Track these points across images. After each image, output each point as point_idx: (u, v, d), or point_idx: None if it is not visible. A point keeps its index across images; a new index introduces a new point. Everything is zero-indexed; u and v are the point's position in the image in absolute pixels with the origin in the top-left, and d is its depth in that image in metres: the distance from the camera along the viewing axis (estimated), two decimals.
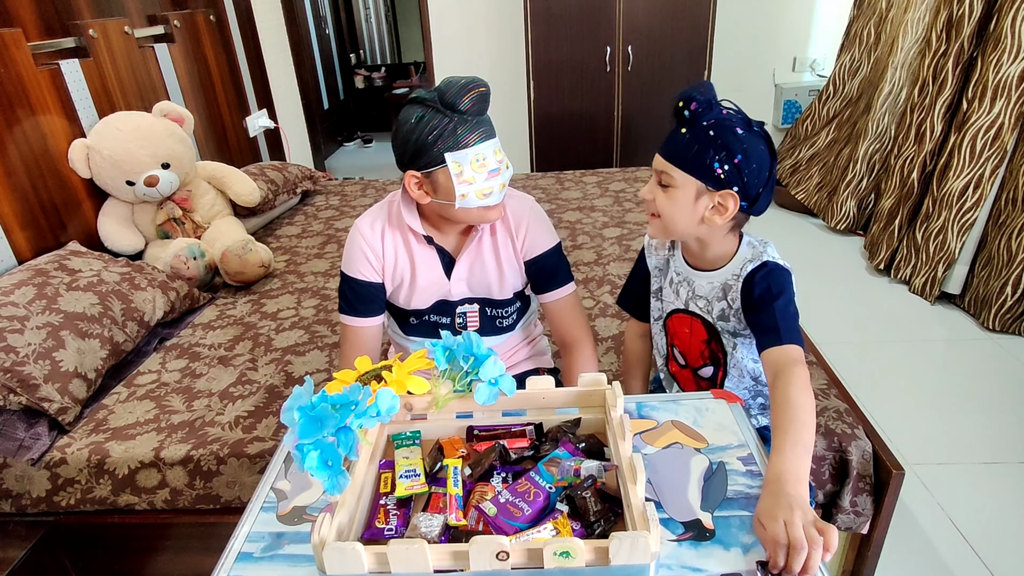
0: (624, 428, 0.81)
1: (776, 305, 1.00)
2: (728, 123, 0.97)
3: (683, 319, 1.17)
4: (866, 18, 3.41)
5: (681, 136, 0.99)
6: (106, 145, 1.97)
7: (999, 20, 2.47)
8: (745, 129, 0.97)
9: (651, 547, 0.66)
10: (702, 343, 1.16)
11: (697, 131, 0.97)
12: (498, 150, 1.11)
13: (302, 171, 2.90)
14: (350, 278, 1.23)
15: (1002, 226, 2.50)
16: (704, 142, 0.97)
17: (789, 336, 0.98)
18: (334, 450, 0.71)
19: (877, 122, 3.20)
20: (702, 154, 0.97)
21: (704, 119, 0.97)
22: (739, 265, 1.07)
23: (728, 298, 1.08)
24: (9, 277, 1.61)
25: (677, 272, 1.16)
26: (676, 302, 1.17)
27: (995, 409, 2.10)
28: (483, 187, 1.09)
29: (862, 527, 1.33)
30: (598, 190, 2.85)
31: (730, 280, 1.07)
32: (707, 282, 1.11)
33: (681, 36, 3.39)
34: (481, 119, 1.08)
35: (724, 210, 1.00)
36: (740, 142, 0.96)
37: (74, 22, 2.07)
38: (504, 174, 1.12)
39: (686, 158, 0.98)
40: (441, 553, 0.68)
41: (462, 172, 1.07)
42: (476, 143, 1.07)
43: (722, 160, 0.96)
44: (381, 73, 6.46)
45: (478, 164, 1.07)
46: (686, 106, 0.97)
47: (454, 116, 1.06)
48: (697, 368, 1.19)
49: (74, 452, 1.39)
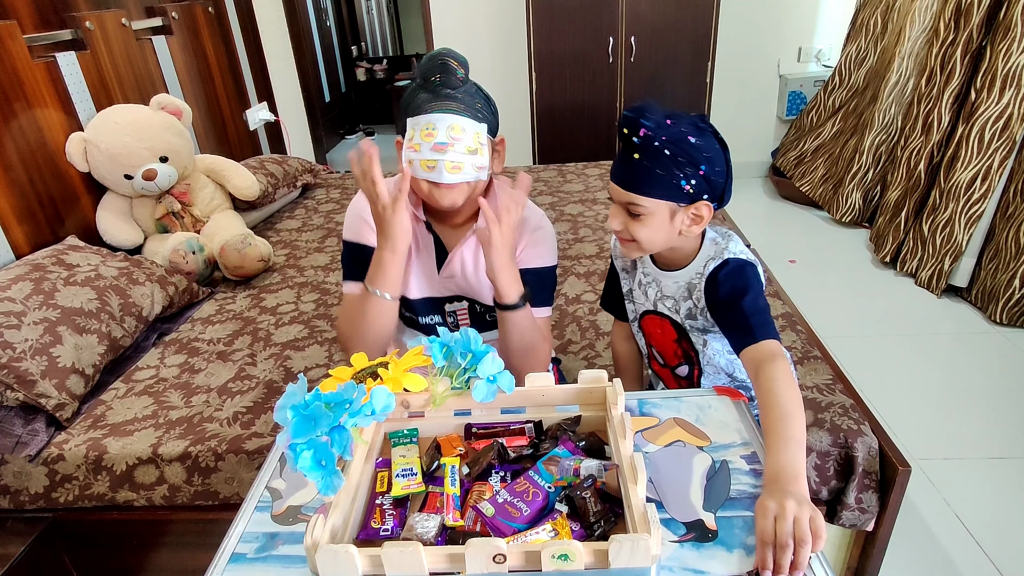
0: (625, 426, 0.79)
1: (744, 303, 0.97)
2: (680, 135, 0.93)
3: (654, 320, 1.16)
4: (872, 7, 3.36)
5: (637, 163, 0.94)
6: (103, 139, 1.96)
7: (1008, 8, 2.43)
8: (696, 134, 0.94)
9: (652, 550, 0.64)
10: (673, 342, 1.15)
11: (653, 154, 0.93)
12: (457, 127, 1.04)
13: (302, 164, 2.89)
14: (354, 244, 1.20)
15: (1010, 218, 2.46)
16: (665, 164, 0.93)
17: (762, 332, 0.95)
18: (328, 450, 0.70)
19: (883, 113, 3.16)
20: (667, 176, 0.93)
21: (655, 140, 0.92)
22: (702, 263, 1.05)
23: (693, 297, 1.07)
24: (6, 272, 1.59)
25: (645, 273, 1.15)
26: (646, 303, 1.16)
27: (1002, 404, 2.07)
28: (427, 158, 1.04)
29: (867, 524, 1.31)
30: (600, 182, 2.83)
31: (694, 279, 1.06)
32: (673, 282, 1.09)
33: (685, 26, 3.35)
34: (449, 92, 1.05)
35: (700, 219, 0.99)
36: (698, 151, 0.93)
37: (70, 14, 2.05)
38: (458, 156, 1.04)
39: (651, 185, 0.95)
40: (437, 556, 0.66)
41: (412, 137, 1.06)
42: (429, 113, 1.04)
43: (688, 175, 0.94)
44: (383, 65, 6.43)
45: (425, 132, 1.04)
46: (633, 132, 0.93)
47: (420, 85, 1.07)
48: (674, 367, 1.19)
49: (72, 448, 1.38)
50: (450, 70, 1.04)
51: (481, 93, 1.10)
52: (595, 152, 3.63)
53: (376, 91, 6.33)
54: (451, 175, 1.05)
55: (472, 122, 1.06)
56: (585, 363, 1.58)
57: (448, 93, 1.05)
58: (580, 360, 1.59)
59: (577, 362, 1.58)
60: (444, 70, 1.04)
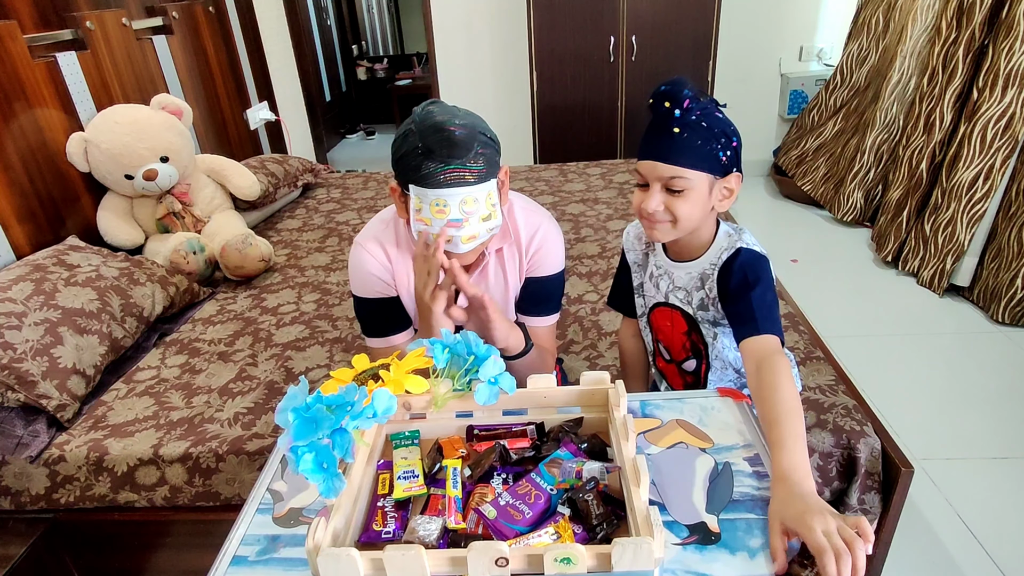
0: (627, 428, 0.79)
1: (752, 295, 0.98)
2: (710, 109, 0.96)
3: (664, 312, 1.16)
4: (874, 6, 3.35)
5: (678, 137, 0.95)
6: (104, 139, 1.95)
7: (1011, 7, 2.42)
8: (719, 111, 0.98)
9: (655, 553, 0.64)
10: (683, 335, 1.15)
11: (693, 127, 0.95)
12: (470, 200, 0.98)
13: (303, 164, 2.88)
14: (366, 299, 1.17)
15: (1012, 217, 2.46)
16: (704, 135, 0.95)
17: (766, 326, 0.96)
18: (329, 452, 0.69)
19: (885, 112, 3.15)
20: (706, 147, 0.95)
21: (694, 113, 0.95)
22: (716, 254, 1.06)
23: (706, 287, 1.07)
24: (7, 272, 1.59)
25: (657, 266, 1.15)
26: (656, 295, 1.16)
27: (1004, 403, 2.07)
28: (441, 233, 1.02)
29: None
30: (602, 182, 2.82)
31: (707, 269, 1.06)
32: (685, 272, 1.10)
33: (686, 25, 3.35)
34: (459, 161, 0.96)
35: (731, 192, 1.01)
36: (727, 124, 0.97)
37: (71, 14, 2.05)
38: (474, 227, 1.00)
39: (695, 157, 0.96)
40: (438, 559, 0.66)
41: (420, 210, 0.99)
42: (438, 187, 0.97)
43: (724, 146, 0.96)
44: (383, 64, 6.43)
45: (436, 209, 0.98)
46: (676, 106, 0.94)
47: (424, 150, 0.96)
48: (680, 361, 1.18)
49: (73, 449, 1.38)
50: (456, 142, 0.95)
51: (483, 137, 1.00)
52: (596, 151, 3.63)
53: (377, 90, 6.32)
54: (467, 244, 1.02)
55: (483, 185, 0.99)
56: (587, 363, 1.57)
57: (457, 164, 0.96)
58: (582, 360, 1.58)
59: (579, 362, 1.58)
60: (450, 143, 0.95)
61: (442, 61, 4.01)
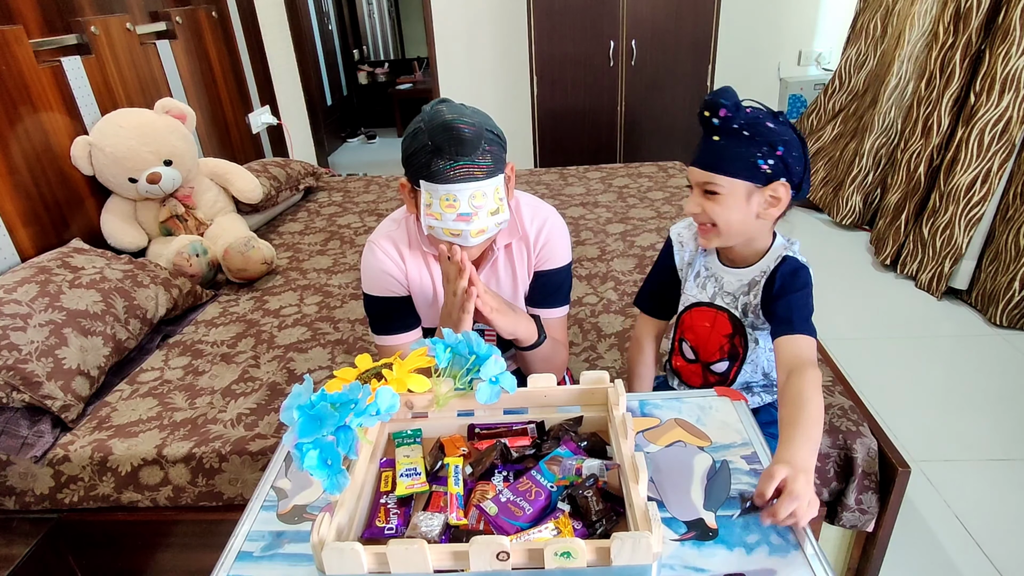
0: (626, 427, 0.80)
1: (792, 297, 1.02)
2: (758, 119, 0.98)
3: (705, 313, 1.17)
4: (872, 11, 3.37)
5: (715, 144, 0.99)
6: (108, 142, 1.97)
7: (1007, 12, 2.44)
8: (773, 120, 0.99)
9: (653, 547, 0.65)
10: (724, 337, 1.16)
11: (732, 135, 0.98)
12: (479, 195, 1.01)
13: (305, 167, 2.90)
14: (377, 298, 1.18)
15: (1010, 221, 2.47)
16: (743, 143, 0.97)
17: (802, 326, 0.99)
18: (333, 449, 0.71)
19: (883, 116, 3.17)
20: (745, 155, 0.98)
21: (734, 122, 0.97)
22: (769, 263, 1.09)
23: (751, 293, 1.10)
24: (12, 275, 1.61)
25: (706, 267, 1.17)
26: (701, 295, 1.17)
27: (1002, 405, 2.08)
28: (451, 227, 1.04)
29: (867, 525, 1.32)
30: (602, 186, 2.84)
31: (757, 276, 1.09)
32: (736, 279, 1.12)
33: (685, 30, 3.37)
34: (467, 158, 0.99)
35: (778, 201, 1.01)
36: (777, 134, 0.98)
37: (76, 19, 2.07)
38: (482, 221, 1.03)
39: (729, 164, 0.99)
40: (441, 553, 0.67)
41: (431, 204, 1.03)
42: (449, 182, 1.00)
43: (765, 155, 0.97)
44: (384, 69, 6.45)
45: (447, 203, 1.01)
46: (713, 114, 0.98)
47: (434, 148, 0.99)
48: (711, 363, 1.19)
49: (77, 449, 1.39)
50: (464, 139, 0.98)
51: (490, 134, 1.03)
52: (596, 155, 3.65)
53: (378, 94, 6.35)
54: (476, 238, 1.05)
55: (491, 181, 1.03)
56: (587, 364, 1.58)
57: (466, 160, 1.00)
58: (582, 362, 1.60)
59: (579, 363, 1.59)
60: (459, 140, 0.98)
61: (443, 65, 4.03)
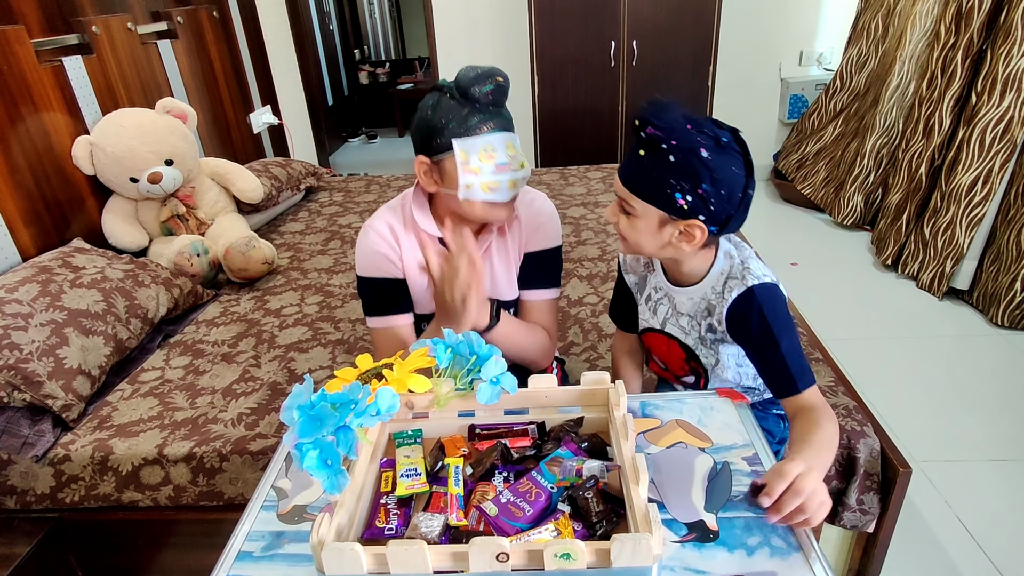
0: (627, 428, 0.80)
1: (783, 349, 0.92)
2: (692, 146, 0.86)
3: (659, 338, 1.12)
4: (873, 11, 3.37)
5: (640, 160, 0.90)
6: (109, 142, 1.97)
7: (1009, 12, 2.43)
8: (713, 150, 0.86)
9: (653, 549, 0.65)
10: (681, 360, 1.12)
11: (657, 157, 0.87)
12: (511, 145, 1.07)
13: (306, 167, 2.90)
14: (371, 279, 1.18)
15: (1011, 221, 2.47)
16: (663, 171, 0.87)
17: (803, 380, 0.92)
18: (333, 449, 0.71)
19: (885, 116, 3.17)
20: (661, 184, 0.88)
21: (664, 142, 0.86)
22: (718, 280, 1.00)
23: (714, 317, 1.01)
24: (13, 274, 1.61)
25: (656, 288, 1.10)
26: (652, 321, 1.11)
27: (1003, 406, 2.08)
28: (489, 180, 1.05)
29: (868, 525, 1.32)
30: (602, 185, 2.84)
31: (712, 298, 1.00)
32: (687, 298, 1.04)
33: (686, 30, 3.37)
34: (497, 110, 1.06)
35: (691, 238, 0.92)
36: (706, 168, 0.86)
37: (77, 19, 2.07)
38: (515, 172, 1.08)
39: (645, 187, 0.91)
40: (440, 554, 0.67)
41: (468, 160, 1.04)
42: (486, 133, 1.05)
43: (684, 190, 0.87)
44: (385, 69, 6.46)
45: (486, 155, 1.04)
46: (642, 128, 0.88)
47: (467, 104, 1.04)
48: (680, 376, 1.16)
49: (78, 449, 1.39)
50: (503, 89, 1.04)
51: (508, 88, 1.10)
52: (597, 155, 3.64)
53: (379, 94, 6.35)
54: (511, 191, 1.08)
55: (515, 134, 1.09)
56: (588, 365, 1.58)
57: (500, 111, 1.06)
58: (582, 362, 1.60)
59: (579, 364, 1.59)
60: (499, 90, 1.04)
61: (444, 65, 4.03)
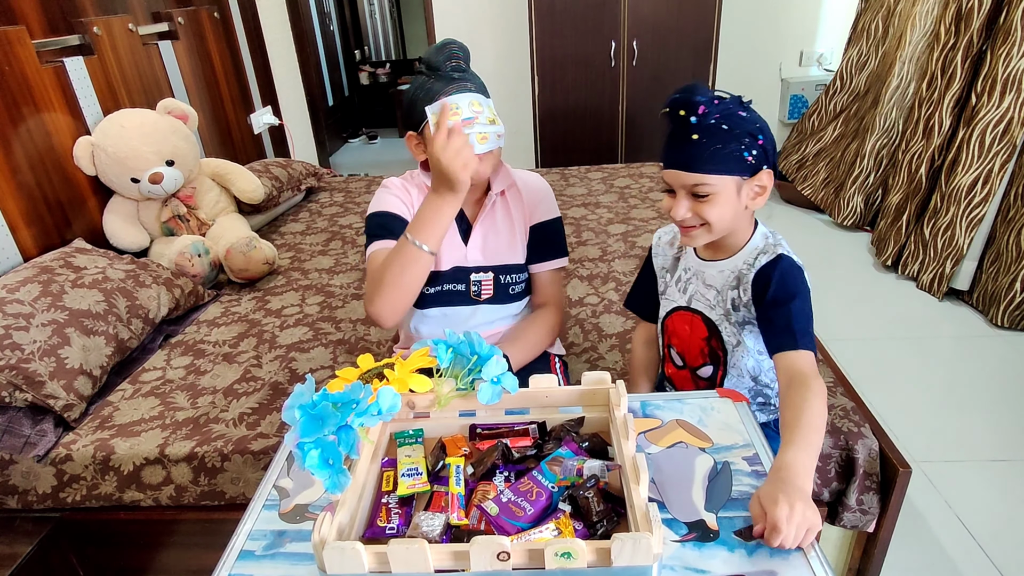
0: (628, 427, 0.81)
1: (793, 306, 0.97)
2: (731, 111, 0.95)
3: (683, 316, 1.16)
4: (874, 12, 3.37)
5: (696, 143, 0.95)
6: (111, 143, 1.97)
7: (1008, 13, 2.44)
8: (741, 107, 0.97)
9: (653, 548, 0.65)
10: (702, 340, 1.14)
11: (713, 131, 0.94)
12: (476, 103, 1.15)
13: (306, 168, 2.90)
14: (383, 212, 1.26)
15: (1011, 222, 2.47)
16: (725, 138, 0.95)
17: (804, 340, 0.95)
18: (335, 449, 0.71)
19: (885, 117, 3.17)
20: (730, 150, 0.95)
21: (713, 117, 0.94)
22: (752, 253, 1.05)
23: (740, 288, 1.06)
24: (15, 274, 1.61)
25: (686, 268, 1.15)
26: (680, 299, 1.16)
27: (1003, 406, 2.08)
28: None
29: (868, 525, 1.32)
30: (603, 186, 2.84)
31: (743, 269, 1.05)
32: (718, 271, 1.09)
33: (687, 30, 3.37)
34: (461, 75, 1.16)
35: (764, 189, 1.00)
36: (752, 122, 0.96)
37: (78, 19, 2.07)
38: (484, 127, 1.15)
39: (715, 161, 0.95)
40: (442, 553, 0.67)
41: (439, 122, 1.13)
42: (451, 95, 1.13)
43: (748, 146, 0.95)
44: (386, 69, 6.46)
45: (452, 113, 1.12)
46: (690, 113, 0.94)
47: (433, 74, 1.16)
48: (696, 368, 1.18)
49: (79, 449, 1.39)
50: (459, 55, 1.17)
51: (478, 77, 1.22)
52: (597, 155, 3.65)
53: (379, 95, 6.36)
54: (481, 145, 1.14)
55: (484, 98, 1.17)
56: (588, 365, 1.59)
57: (461, 76, 1.16)
58: (583, 362, 1.60)
59: (580, 364, 1.59)
60: (456, 56, 1.16)
61: None
